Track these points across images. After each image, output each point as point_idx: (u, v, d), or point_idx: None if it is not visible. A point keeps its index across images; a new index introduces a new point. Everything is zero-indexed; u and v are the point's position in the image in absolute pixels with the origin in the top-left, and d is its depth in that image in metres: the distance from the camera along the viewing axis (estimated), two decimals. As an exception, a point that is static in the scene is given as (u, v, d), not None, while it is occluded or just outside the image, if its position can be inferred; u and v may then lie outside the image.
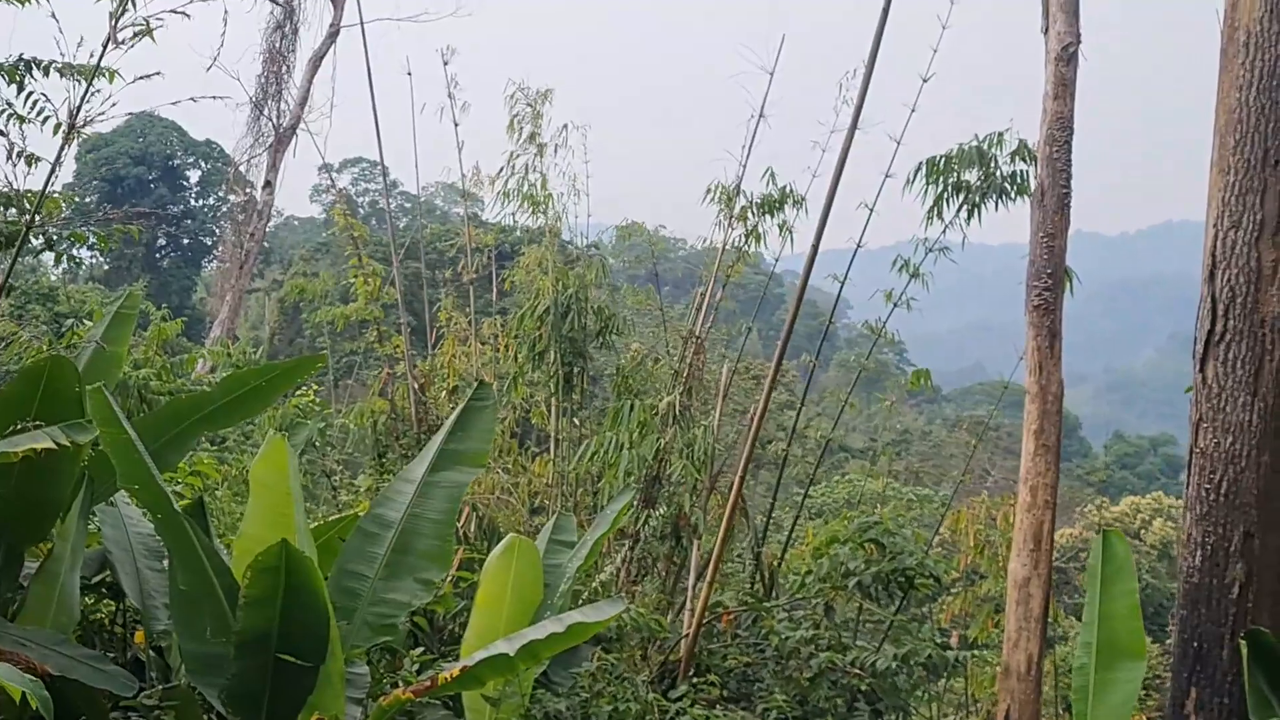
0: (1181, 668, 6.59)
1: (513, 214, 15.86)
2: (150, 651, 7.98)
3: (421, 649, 9.45)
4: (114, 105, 7.50)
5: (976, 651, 13.58)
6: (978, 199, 13.81)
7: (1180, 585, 6.72)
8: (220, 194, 64.73)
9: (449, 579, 10.10)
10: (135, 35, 7.17)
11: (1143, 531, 45.83)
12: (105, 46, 7.16)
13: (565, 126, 15.54)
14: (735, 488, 11.61)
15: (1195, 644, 6.53)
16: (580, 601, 10.08)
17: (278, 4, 29.76)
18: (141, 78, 7.32)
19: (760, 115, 14.32)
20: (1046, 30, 10.86)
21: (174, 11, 7.16)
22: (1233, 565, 6.50)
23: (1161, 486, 67.99)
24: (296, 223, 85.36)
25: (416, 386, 14.54)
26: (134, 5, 7.31)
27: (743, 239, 14.63)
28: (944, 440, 57.40)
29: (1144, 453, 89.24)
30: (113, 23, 7.09)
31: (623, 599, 8.96)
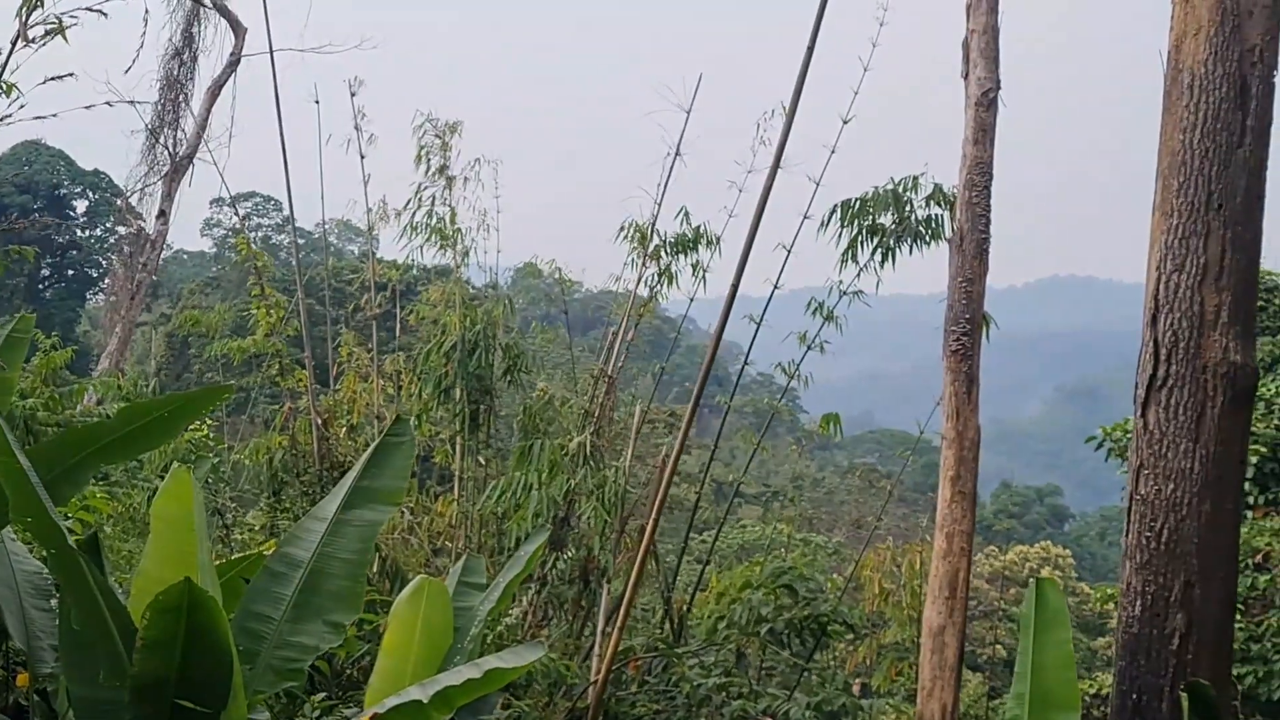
0: (1120, 718, 6.44)
1: (419, 248, 15.54)
2: (34, 696, 7.51)
3: (323, 694, 9.07)
4: (21, 108, 7.09)
5: (890, 702, 13.46)
6: (892, 242, 13.78)
7: (1119, 636, 6.57)
8: (109, 225, 63.33)
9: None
10: (47, 34, 6.80)
11: (1030, 580, 46.36)
12: (14, 44, 6.78)
13: (476, 160, 15.31)
14: (648, 532, 11.36)
15: (1134, 696, 6.39)
16: (486, 646, 9.77)
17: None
18: (54, 78, 6.94)
19: (676, 154, 14.19)
20: (967, 75, 10.83)
21: (90, 9, 6.80)
22: (1173, 615, 6.38)
23: (1048, 536, 69.07)
24: (185, 256, 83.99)
25: (320, 422, 14.13)
26: (42, 3, 6.95)
27: (655, 278, 14.46)
28: (836, 487, 57.82)
29: (1031, 502, 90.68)
30: (22, 19, 6.71)
31: (541, 644, 8.67)
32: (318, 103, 15.67)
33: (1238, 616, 17.52)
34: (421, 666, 7.85)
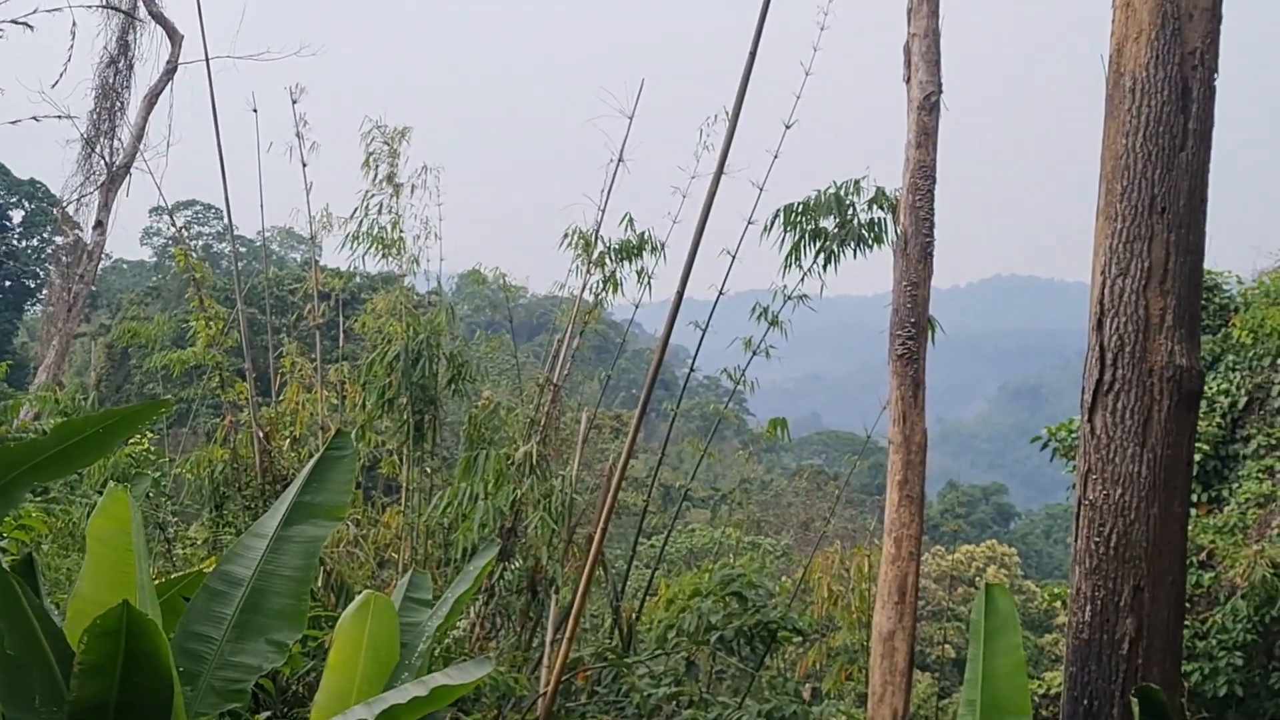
0: (1072, 725, 6.42)
1: (362, 257, 15.37)
2: (-30, 722, 7.32)
3: (267, 713, 8.91)
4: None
5: (841, 706, 13.44)
6: (835, 246, 13.76)
7: (1069, 641, 6.55)
8: (45, 235, 62.47)
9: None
10: (-29, 45, 6.65)
11: (977, 579, 46.58)
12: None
13: (424, 168, 15.17)
14: (596, 540, 11.26)
15: (1085, 701, 6.36)
16: (434, 660, 9.65)
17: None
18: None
19: (620, 160, 14.12)
20: (909, 80, 10.82)
21: (15, 22, 6.61)
22: (1123, 620, 6.36)
23: (993, 534, 69.55)
24: (125, 266, 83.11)
25: (262, 435, 13.94)
26: (-33, 15, 6.77)
27: (600, 285, 14.38)
28: (783, 489, 57.98)
29: (976, 502, 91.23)
30: (-55, 31, 6.54)
31: (489, 660, 8.53)
32: (256, 111, 15.46)
33: (1182, 645, 17.65)
34: (368, 684, 7.72)
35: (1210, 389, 20.10)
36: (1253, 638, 17.46)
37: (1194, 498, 19.60)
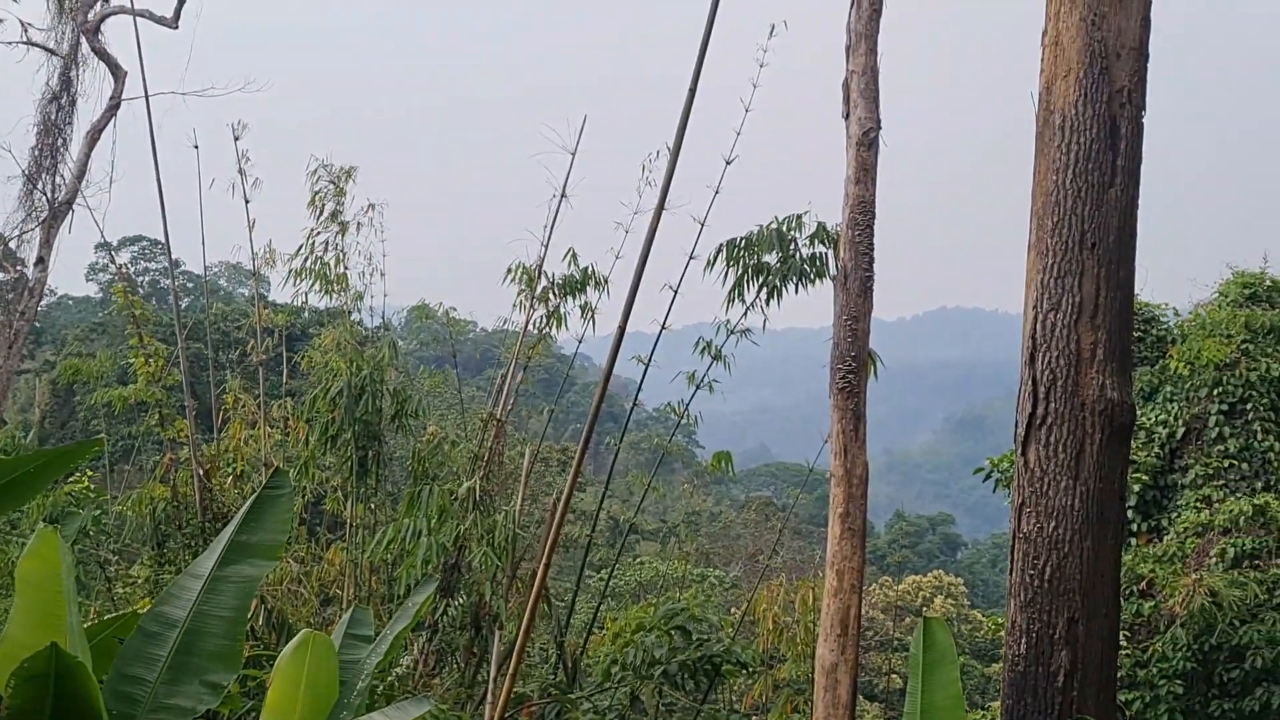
0: (1009, 759, 6.45)
1: (306, 294, 15.29)
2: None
3: (205, 755, 8.79)
4: None
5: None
6: (778, 281, 13.83)
7: (1005, 674, 6.58)
8: (-14, 271, 61.61)
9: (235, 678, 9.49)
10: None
11: (924, 609, 46.81)
12: None
13: (369, 205, 15.14)
14: (540, 575, 11.22)
15: (1021, 731, 6.41)
16: (376, 698, 9.57)
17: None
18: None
19: (562, 195, 14.16)
20: (848, 116, 10.91)
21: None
22: (1058, 653, 6.40)
23: (941, 564, 69.83)
24: (71, 302, 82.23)
25: (201, 472, 13.82)
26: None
27: (544, 320, 14.38)
28: (732, 521, 58.01)
29: (924, 532, 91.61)
30: None
31: (428, 699, 8.47)
32: (196, 147, 15.40)
33: (1125, 644, 17.80)
34: (306, 722, 7.66)
35: (1149, 420, 20.31)
36: (1193, 665, 17.61)
37: (1134, 527, 19.78)
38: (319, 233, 15.15)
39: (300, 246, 15.18)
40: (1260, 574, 17.90)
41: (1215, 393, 19.82)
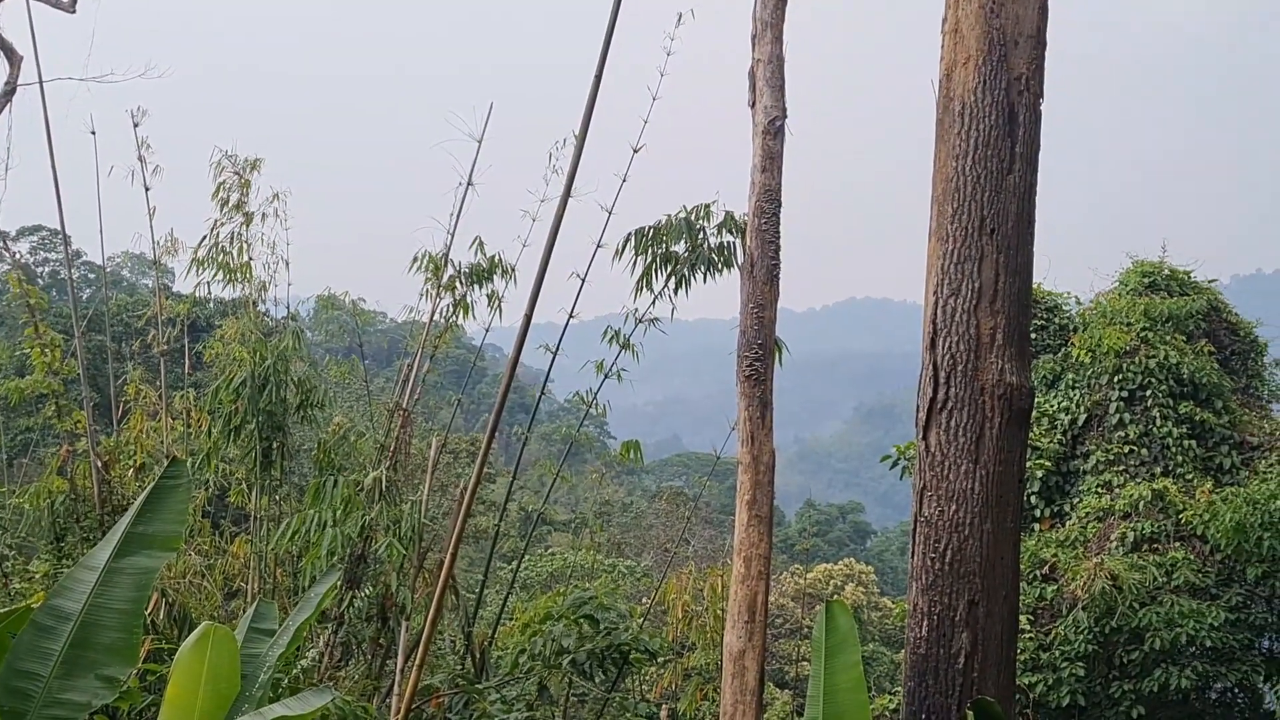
0: (910, 741, 6.50)
1: (208, 283, 15.05)
2: None
3: (104, 751, 8.65)
4: None
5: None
6: (686, 270, 13.86)
7: (907, 657, 6.63)
8: (-121, 261, 60.05)
9: (134, 672, 9.33)
10: None
11: (835, 596, 47.06)
12: None
13: (275, 195, 14.92)
14: (446, 565, 11.15)
15: (923, 716, 6.44)
16: (280, 691, 9.45)
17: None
18: None
19: (469, 184, 14.08)
20: (754, 104, 10.94)
21: None
22: (958, 635, 6.45)
23: (851, 552, 70.48)
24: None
25: (100, 464, 13.57)
26: None
27: (450, 309, 14.29)
28: (644, 511, 58.13)
29: (833, 520, 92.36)
30: None
31: (329, 689, 8.37)
32: (94, 134, 15.09)
33: (1028, 627, 18.07)
34: (207, 717, 7.54)
35: (1051, 407, 20.64)
36: (1094, 648, 17.93)
37: (1037, 513, 20.10)
38: (223, 223, 14.93)
39: (204, 237, 14.95)
40: (1159, 557, 18.27)
41: (1116, 380, 20.18)
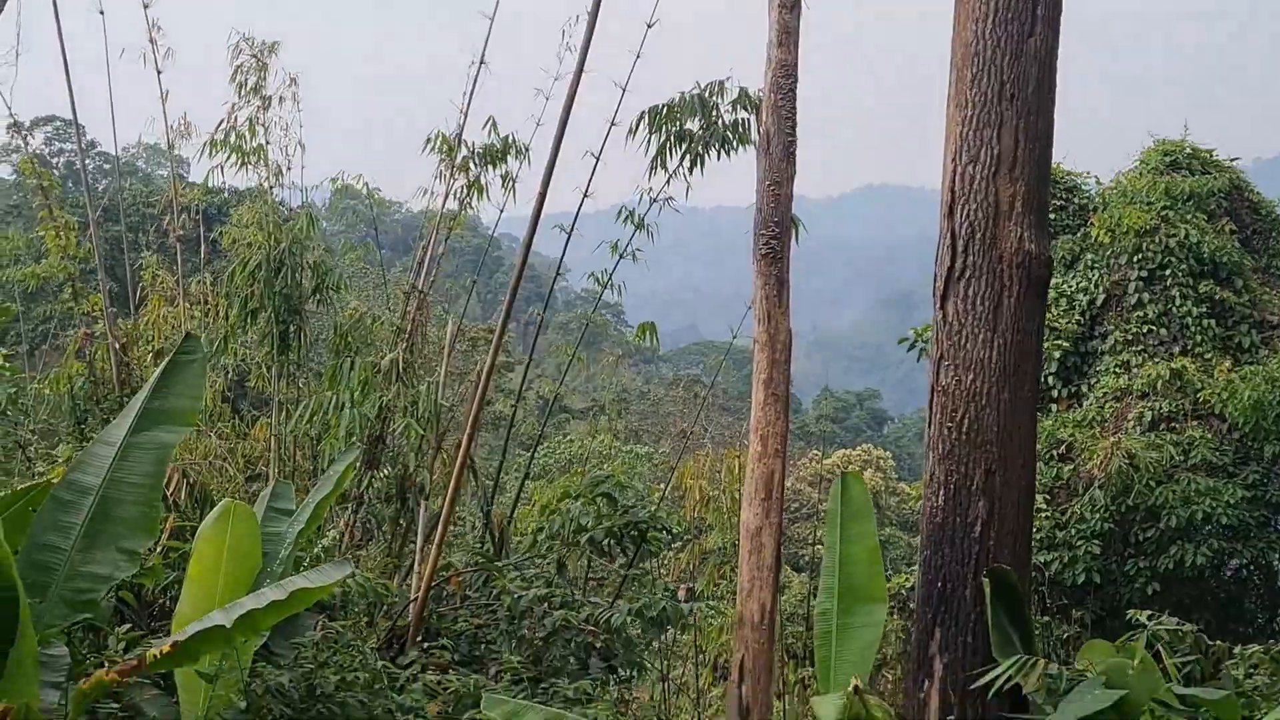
0: (926, 609, 6.53)
1: (223, 167, 14.92)
2: None
3: (129, 626, 8.74)
4: None
5: (711, 603, 13.56)
6: (700, 148, 13.71)
7: (924, 526, 6.64)
8: (-111, 153, 59.86)
9: (158, 549, 9.42)
10: None
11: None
12: None
13: (292, 79, 14.72)
14: (463, 446, 11.21)
15: (939, 584, 6.47)
16: (301, 569, 9.53)
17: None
18: None
19: (481, 62, 13.88)
20: (770, -23, 10.72)
21: None
22: (975, 504, 6.45)
23: (867, 439, 70.66)
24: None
25: (118, 347, 13.60)
26: None
27: (465, 190, 14.18)
28: (661, 399, 58.23)
29: (851, 407, 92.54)
30: None
31: (348, 562, 8.47)
32: (102, 13, 14.88)
33: (1044, 506, 18.14)
34: (229, 592, 7.62)
35: (1070, 287, 20.51)
36: (1110, 526, 18.01)
37: (1054, 393, 20.07)
38: (240, 107, 14.77)
39: (221, 121, 14.80)
40: (1176, 436, 18.27)
41: (1135, 259, 20.04)
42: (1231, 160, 22.03)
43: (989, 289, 6.59)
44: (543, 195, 10.81)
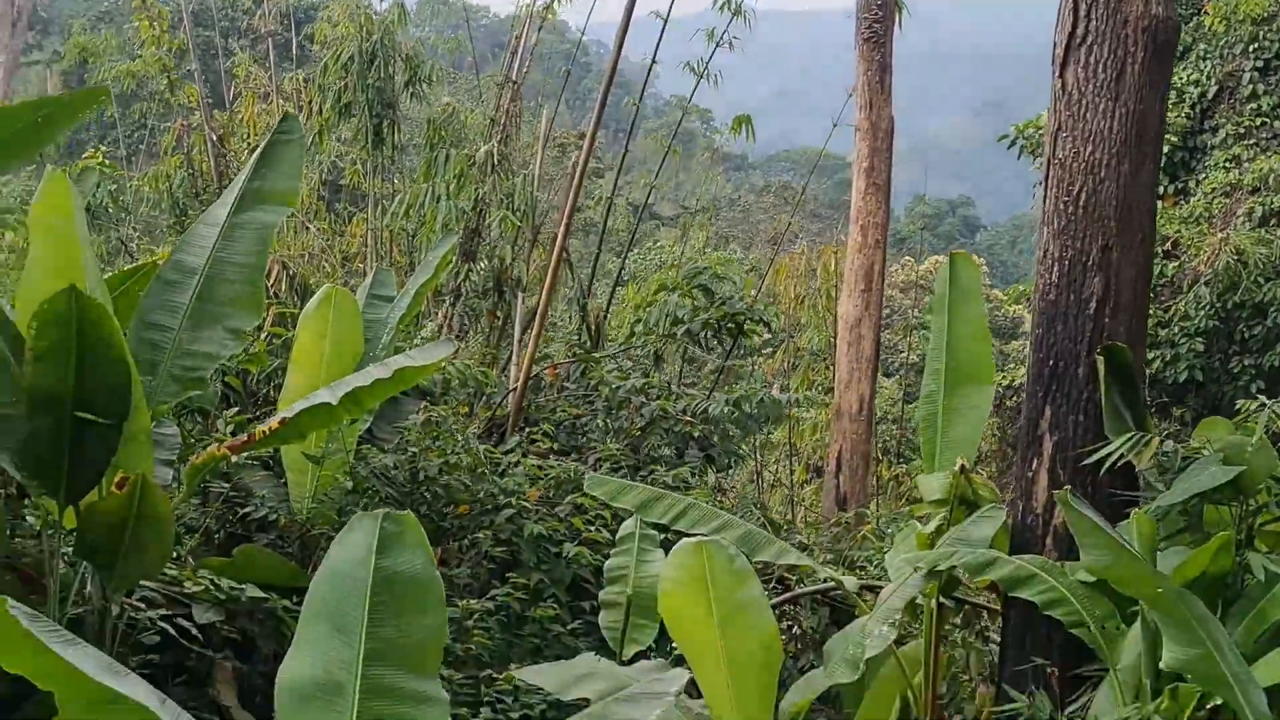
0: (1036, 387, 6.37)
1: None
2: (-66, 420, 7.21)
3: (235, 410, 8.90)
4: None
5: (808, 394, 13.55)
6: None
7: (1036, 304, 6.44)
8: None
9: (262, 336, 9.54)
10: None
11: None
12: None
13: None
14: (560, 237, 11.13)
15: (1051, 363, 6.30)
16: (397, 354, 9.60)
17: None
18: None
19: None
20: None
21: None
22: (1090, 279, 6.24)
23: (960, 246, 69.61)
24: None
25: (215, 138, 13.61)
26: None
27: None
28: (752, 205, 57.70)
29: (944, 214, 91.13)
30: None
31: (451, 341, 8.50)
32: None
33: (1148, 304, 17.81)
34: (333, 374, 7.69)
35: (1180, 79, 19.75)
36: (1214, 323, 17.64)
37: (1161, 190, 19.52)
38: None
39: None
40: (1287, 231, 17.78)
41: (1251, 49, 19.22)
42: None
43: (1111, 55, 6.26)
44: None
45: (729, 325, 12.01)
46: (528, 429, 10.40)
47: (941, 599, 6.43)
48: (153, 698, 3.18)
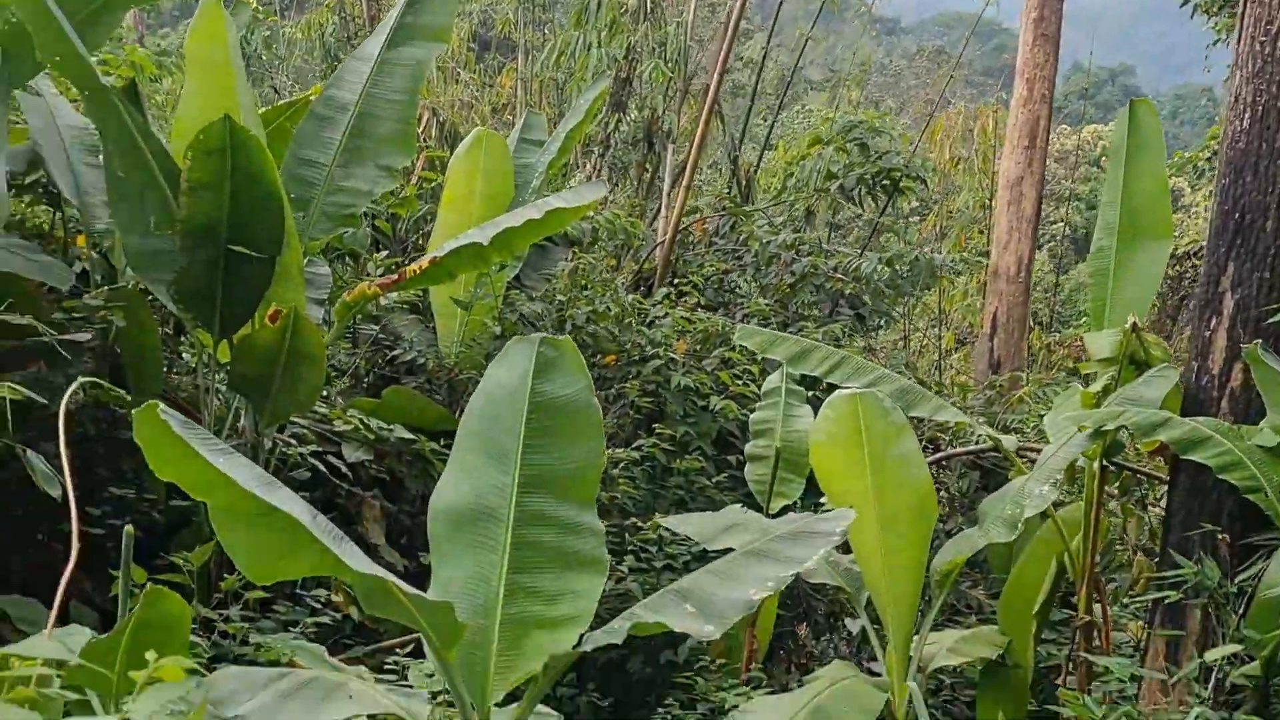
0: (1219, 241, 5.99)
1: None
2: (93, 254, 7.31)
3: (385, 252, 8.90)
4: None
5: (964, 254, 13.16)
6: None
7: (1223, 153, 6.04)
8: None
9: (413, 180, 9.50)
10: None
11: (1103, 160, 45.11)
12: None
13: None
14: (713, 88, 10.85)
15: (1236, 215, 5.91)
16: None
17: None
18: None
19: None
20: None
21: None
22: (1285, 124, 5.82)
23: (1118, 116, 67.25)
24: None
25: (366, -16, 13.54)
26: None
27: None
28: (903, 70, 56.28)
29: (1103, 83, 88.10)
30: None
31: (603, 183, 8.36)
32: None
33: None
34: (483, 216, 7.62)
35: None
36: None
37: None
38: None
39: None
40: None
41: None
42: None
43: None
44: None
45: (884, 182, 11.65)
46: (675, 282, 10.27)
47: (1105, 461, 6.19)
48: (305, 513, 3.14)
